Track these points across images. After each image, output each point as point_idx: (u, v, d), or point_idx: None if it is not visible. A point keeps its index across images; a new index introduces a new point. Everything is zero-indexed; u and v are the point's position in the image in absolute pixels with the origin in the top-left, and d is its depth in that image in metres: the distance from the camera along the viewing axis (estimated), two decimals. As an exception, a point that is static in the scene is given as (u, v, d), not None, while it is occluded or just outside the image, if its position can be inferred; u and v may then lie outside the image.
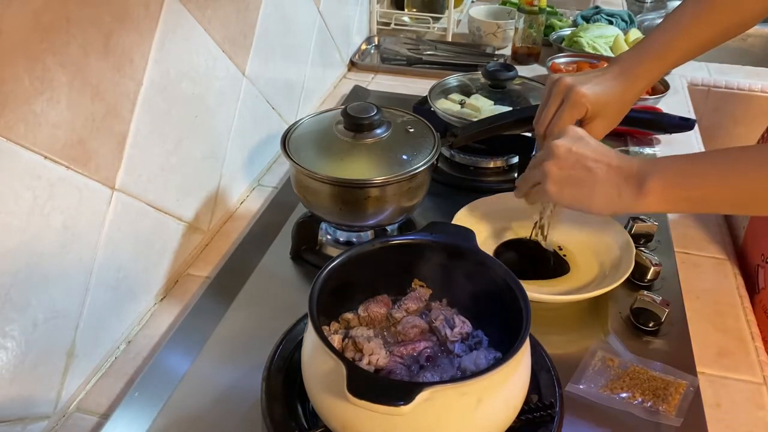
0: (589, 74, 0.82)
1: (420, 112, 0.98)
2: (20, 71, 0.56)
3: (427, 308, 0.68)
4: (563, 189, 0.70)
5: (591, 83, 0.80)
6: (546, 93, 0.84)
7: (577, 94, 0.79)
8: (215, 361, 0.73)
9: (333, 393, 0.54)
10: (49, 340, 0.65)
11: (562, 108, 0.81)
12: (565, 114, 0.80)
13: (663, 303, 0.77)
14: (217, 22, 0.88)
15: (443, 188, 1.03)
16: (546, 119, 0.83)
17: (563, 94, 0.81)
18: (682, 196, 0.66)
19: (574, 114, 0.80)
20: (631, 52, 0.83)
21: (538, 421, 0.62)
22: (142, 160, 0.76)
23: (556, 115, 0.82)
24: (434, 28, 1.65)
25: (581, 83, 0.80)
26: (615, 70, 0.82)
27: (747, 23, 0.82)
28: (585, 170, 0.69)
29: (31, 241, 0.61)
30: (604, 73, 0.82)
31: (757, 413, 0.70)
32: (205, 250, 0.93)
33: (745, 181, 0.63)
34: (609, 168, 0.68)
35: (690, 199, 0.66)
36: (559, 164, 0.70)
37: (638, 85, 0.82)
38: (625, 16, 1.73)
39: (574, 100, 0.79)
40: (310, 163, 0.80)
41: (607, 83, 0.81)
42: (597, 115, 0.81)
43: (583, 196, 0.70)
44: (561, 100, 0.81)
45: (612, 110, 0.82)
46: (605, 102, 0.80)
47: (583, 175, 0.69)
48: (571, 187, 0.70)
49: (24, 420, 0.64)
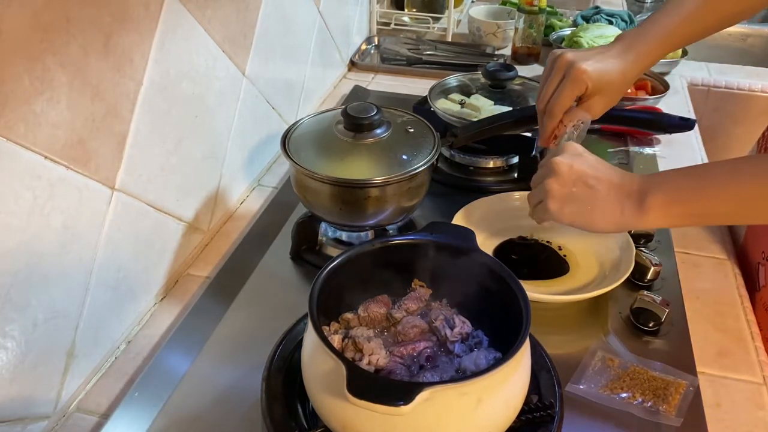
0: (592, 51, 0.82)
1: (420, 112, 0.98)
2: (20, 71, 0.56)
3: (427, 308, 0.68)
4: (564, 207, 0.70)
5: (593, 60, 0.80)
6: (547, 68, 0.84)
7: (578, 70, 0.79)
8: (215, 361, 0.73)
9: (333, 393, 0.53)
10: (49, 340, 0.65)
11: (563, 84, 0.80)
12: (566, 90, 0.80)
13: (663, 303, 0.77)
14: (217, 22, 0.88)
15: (443, 188, 1.03)
16: (546, 95, 0.83)
17: (564, 70, 0.80)
18: (683, 212, 0.65)
19: (575, 90, 0.80)
20: (635, 31, 0.83)
21: (538, 421, 0.62)
22: (142, 160, 0.76)
23: (556, 91, 0.81)
24: (434, 28, 1.65)
25: (583, 59, 0.79)
26: (618, 48, 0.81)
27: (747, 12, 0.82)
28: (586, 188, 0.68)
29: (31, 241, 0.61)
30: (607, 50, 0.81)
31: (757, 413, 0.70)
32: (205, 250, 0.93)
33: (744, 193, 0.63)
34: (610, 185, 0.68)
35: (692, 214, 0.65)
36: (560, 181, 0.69)
37: (640, 64, 0.82)
38: (625, 16, 1.73)
39: (575, 77, 0.79)
40: (310, 163, 0.80)
41: (609, 60, 0.80)
42: (597, 92, 0.81)
43: (585, 214, 0.69)
44: (562, 75, 0.81)
45: (613, 88, 0.81)
46: (607, 80, 0.80)
47: (584, 193, 0.68)
48: (573, 205, 0.69)
49: (24, 420, 0.64)
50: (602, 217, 0.68)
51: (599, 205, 0.68)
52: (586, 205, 0.69)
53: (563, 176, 0.69)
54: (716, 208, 0.64)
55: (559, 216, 0.71)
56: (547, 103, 0.83)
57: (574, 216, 0.70)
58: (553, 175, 0.70)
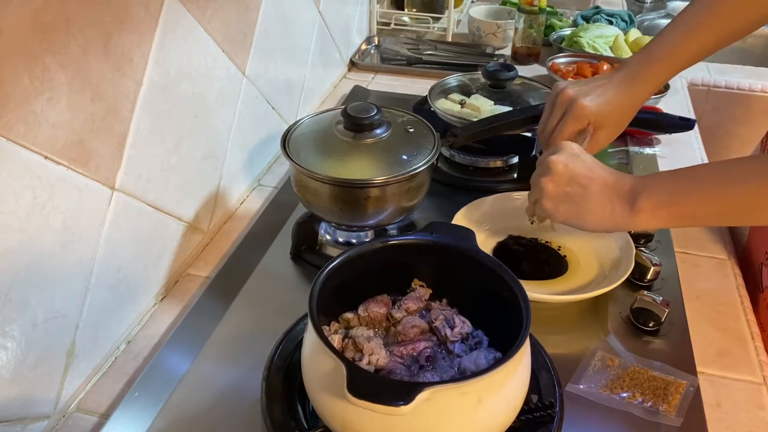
0: (593, 83, 0.82)
1: (420, 112, 0.98)
2: (20, 71, 0.56)
3: (427, 308, 0.68)
4: (558, 205, 0.71)
5: (593, 94, 0.80)
6: (549, 102, 0.85)
7: (578, 107, 0.80)
8: (215, 361, 0.73)
9: (333, 393, 0.53)
10: (49, 340, 0.65)
11: (564, 120, 0.82)
12: (567, 126, 0.81)
13: (663, 303, 0.77)
14: (217, 22, 0.88)
15: (443, 188, 1.03)
16: (548, 130, 0.84)
17: (565, 106, 0.82)
18: (673, 213, 0.66)
19: (576, 126, 0.81)
20: (637, 56, 0.83)
21: (538, 421, 0.62)
22: (142, 160, 0.76)
23: (557, 127, 0.83)
24: (434, 28, 1.65)
25: (583, 95, 0.80)
26: (620, 76, 0.82)
27: (752, 27, 0.82)
28: (579, 187, 0.70)
29: (31, 241, 0.61)
30: (609, 81, 0.82)
31: (757, 413, 0.70)
32: (205, 250, 0.93)
33: (731, 194, 0.63)
34: (604, 186, 0.69)
35: (682, 215, 0.66)
36: (554, 180, 0.71)
37: (645, 90, 0.82)
38: (625, 16, 1.74)
39: (576, 114, 0.80)
40: (310, 163, 0.80)
41: (610, 92, 0.81)
42: (600, 126, 0.82)
43: (577, 213, 0.70)
44: (563, 111, 0.82)
45: (615, 119, 0.83)
46: (608, 113, 0.81)
47: (577, 192, 0.70)
48: (566, 204, 0.71)
49: (24, 420, 0.64)
50: (593, 217, 0.70)
51: (591, 204, 0.69)
52: (579, 204, 0.70)
53: (558, 175, 0.71)
54: (705, 209, 0.65)
55: (554, 214, 0.72)
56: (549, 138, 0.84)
57: (567, 214, 0.71)
58: (549, 174, 0.71)
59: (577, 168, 0.70)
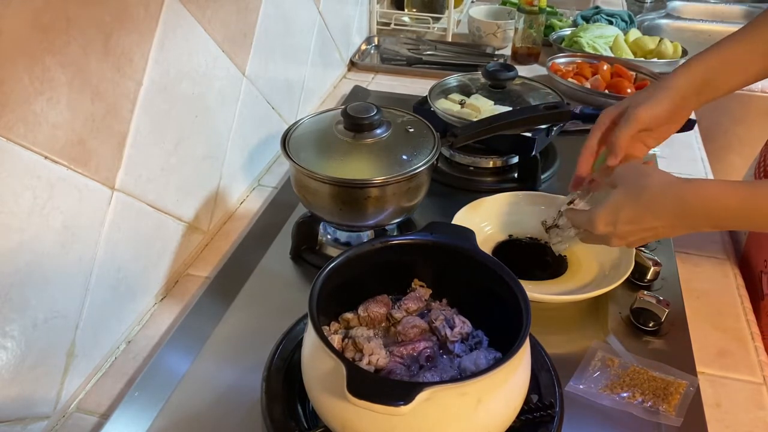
0: (645, 93, 0.79)
1: (420, 112, 0.98)
2: (20, 71, 0.56)
3: (427, 308, 0.68)
4: (631, 244, 0.72)
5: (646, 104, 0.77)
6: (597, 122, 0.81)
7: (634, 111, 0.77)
8: (215, 361, 0.73)
9: (333, 393, 0.53)
10: (49, 340, 0.65)
11: (620, 124, 0.78)
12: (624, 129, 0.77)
13: (663, 303, 0.77)
14: (217, 22, 0.88)
15: (443, 188, 1.03)
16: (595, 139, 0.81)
17: (620, 111, 0.79)
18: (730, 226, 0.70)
19: (632, 129, 0.77)
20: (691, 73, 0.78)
21: (538, 421, 0.62)
22: (142, 160, 0.76)
23: (616, 129, 0.78)
24: (434, 28, 1.65)
25: (636, 104, 0.78)
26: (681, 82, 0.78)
27: None
28: (649, 231, 0.69)
29: (31, 241, 0.61)
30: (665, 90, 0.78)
31: (757, 413, 0.70)
32: (205, 250, 0.93)
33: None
34: (672, 228, 0.68)
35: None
36: (619, 235, 0.70)
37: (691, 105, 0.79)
38: (625, 16, 1.74)
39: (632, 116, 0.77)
40: (310, 163, 0.80)
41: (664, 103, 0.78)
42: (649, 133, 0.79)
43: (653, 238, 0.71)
44: (617, 114, 0.79)
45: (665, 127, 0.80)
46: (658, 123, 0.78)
47: (649, 236, 0.70)
48: (639, 240, 0.71)
49: (24, 420, 0.64)
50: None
51: (660, 235, 0.70)
52: (651, 238, 0.71)
53: (621, 224, 0.69)
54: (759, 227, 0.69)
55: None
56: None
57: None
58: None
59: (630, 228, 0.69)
